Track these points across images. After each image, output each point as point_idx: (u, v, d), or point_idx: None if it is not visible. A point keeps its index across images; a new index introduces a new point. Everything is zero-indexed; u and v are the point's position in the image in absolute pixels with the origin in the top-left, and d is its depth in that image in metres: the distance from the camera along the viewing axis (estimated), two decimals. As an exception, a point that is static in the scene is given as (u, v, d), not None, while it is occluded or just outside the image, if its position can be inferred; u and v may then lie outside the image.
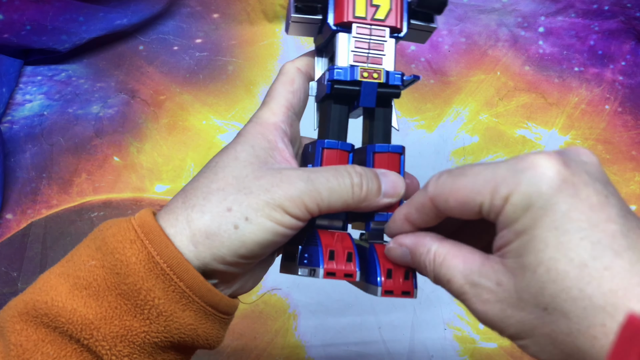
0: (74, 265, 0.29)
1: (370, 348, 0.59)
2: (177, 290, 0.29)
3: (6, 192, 0.61)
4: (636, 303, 0.21)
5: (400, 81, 0.33)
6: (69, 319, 0.28)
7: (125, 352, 0.28)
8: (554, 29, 0.70)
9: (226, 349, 0.58)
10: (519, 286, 0.24)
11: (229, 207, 0.29)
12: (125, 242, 0.29)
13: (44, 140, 0.64)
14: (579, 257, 0.23)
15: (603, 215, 0.23)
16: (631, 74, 0.69)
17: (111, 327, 0.28)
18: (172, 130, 0.65)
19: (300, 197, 0.29)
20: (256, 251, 0.30)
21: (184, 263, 0.29)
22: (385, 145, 0.34)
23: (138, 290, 0.28)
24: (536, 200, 0.24)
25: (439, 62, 0.70)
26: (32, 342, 0.28)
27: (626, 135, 0.68)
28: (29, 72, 0.66)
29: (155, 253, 0.29)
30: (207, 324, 0.31)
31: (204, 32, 0.69)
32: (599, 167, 0.26)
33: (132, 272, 0.28)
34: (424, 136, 0.68)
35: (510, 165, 0.25)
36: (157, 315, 0.29)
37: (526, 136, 0.68)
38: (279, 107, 0.34)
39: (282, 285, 0.61)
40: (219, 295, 0.31)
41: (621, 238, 0.23)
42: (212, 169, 0.31)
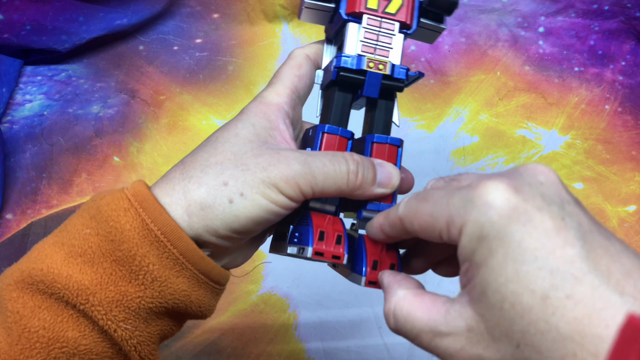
0: (68, 234, 0.30)
1: (370, 348, 0.59)
2: (170, 257, 0.29)
3: (6, 192, 0.61)
4: (603, 329, 0.21)
5: (404, 75, 0.34)
6: (65, 285, 0.28)
7: (121, 317, 0.29)
8: (554, 29, 0.70)
9: (226, 349, 0.58)
10: (489, 326, 0.24)
11: (226, 181, 0.30)
12: (120, 210, 0.29)
13: (44, 140, 0.64)
14: (539, 289, 0.22)
15: (559, 240, 0.22)
16: (631, 74, 0.69)
17: (107, 293, 0.29)
18: (172, 130, 0.65)
19: (295, 179, 0.30)
20: (249, 226, 0.30)
21: (177, 231, 0.30)
22: (385, 137, 0.34)
23: (133, 257, 0.29)
24: (489, 231, 0.23)
25: (439, 62, 0.70)
26: (29, 309, 0.28)
27: (626, 135, 0.68)
28: (29, 72, 0.66)
29: (149, 220, 0.29)
30: (200, 292, 0.31)
31: (204, 32, 0.69)
32: (558, 186, 0.25)
33: (127, 239, 0.29)
34: (424, 136, 0.68)
35: (463, 195, 0.25)
36: (152, 280, 0.29)
37: (526, 136, 0.68)
38: (284, 88, 0.35)
39: (282, 285, 0.61)
40: (212, 264, 0.31)
41: (580, 262, 0.22)
42: (212, 144, 0.32)
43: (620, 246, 0.23)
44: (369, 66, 0.33)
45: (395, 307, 0.28)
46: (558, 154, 0.67)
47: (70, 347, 0.28)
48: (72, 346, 0.28)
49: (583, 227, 0.23)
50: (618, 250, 0.23)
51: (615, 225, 0.64)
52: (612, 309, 0.21)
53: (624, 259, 0.23)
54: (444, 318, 0.25)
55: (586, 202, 0.65)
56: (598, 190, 0.65)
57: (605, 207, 0.65)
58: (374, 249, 0.33)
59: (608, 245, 0.23)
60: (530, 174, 0.25)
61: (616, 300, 0.21)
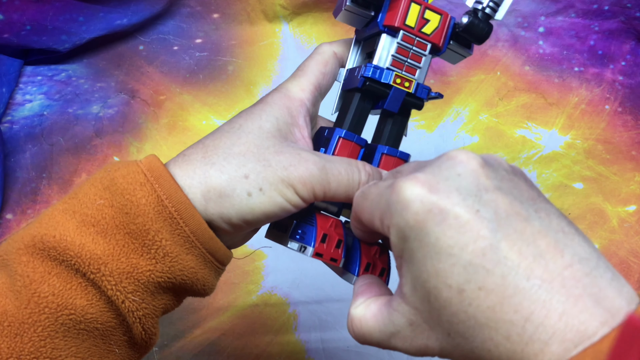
0: (80, 203, 0.30)
1: (370, 348, 0.59)
2: (182, 235, 0.30)
3: (6, 192, 0.61)
4: (513, 314, 0.22)
5: (426, 95, 0.35)
6: (77, 253, 0.29)
7: (130, 288, 0.29)
8: (554, 29, 0.70)
9: (226, 349, 0.58)
10: (424, 318, 0.25)
11: (247, 174, 0.31)
12: (136, 184, 0.30)
13: (44, 140, 0.64)
14: (455, 283, 0.23)
15: (472, 235, 0.23)
16: (631, 74, 0.69)
17: (118, 264, 0.29)
18: (172, 130, 0.65)
19: (311, 183, 0.31)
20: (261, 219, 0.32)
21: (190, 209, 0.30)
22: (395, 150, 0.36)
23: (147, 231, 0.29)
24: (409, 233, 0.25)
25: (439, 62, 0.70)
26: (39, 274, 0.29)
27: (626, 135, 0.68)
28: (29, 72, 0.66)
29: (165, 197, 0.30)
30: (206, 270, 0.32)
31: (204, 32, 0.69)
32: (476, 175, 0.25)
33: (142, 212, 0.29)
34: (424, 136, 0.68)
35: (386, 196, 0.26)
36: (164, 255, 0.30)
37: (526, 136, 0.68)
38: (309, 84, 0.35)
39: (282, 285, 0.61)
40: (219, 244, 0.32)
41: (491, 253, 0.23)
42: (236, 132, 0.33)
43: (540, 224, 0.24)
44: (396, 82, 0.34)
45: (351, 324, 0.29)
46: (558, 154, 0.67)
47: (78, 315, 0.29)
48: (80, 314, 0.29)
49: (499, 215, 0.24)
50: (536, 231, 0.24)
51: (615, 225, 0.64)
52: (520, 295, 0.22)
53: (539, 240, 0.24)
54: (389, 319, 0.27)
55: (586, 202, 0.65)
56: (598, 190, 0.65)
57: (605, 207, 0.65)
58: (368, 252, 0.34)
59: (525, 227, 0.24)
60: (449, 165, 0.26)
61: (524, 285, 0.22)
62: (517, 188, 0.26)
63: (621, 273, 0.61)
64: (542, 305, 0.22)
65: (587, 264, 0.23)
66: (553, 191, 0.65)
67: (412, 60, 0.35)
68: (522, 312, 0.22)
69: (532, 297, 0.22)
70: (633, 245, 0.63)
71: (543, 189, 0.66)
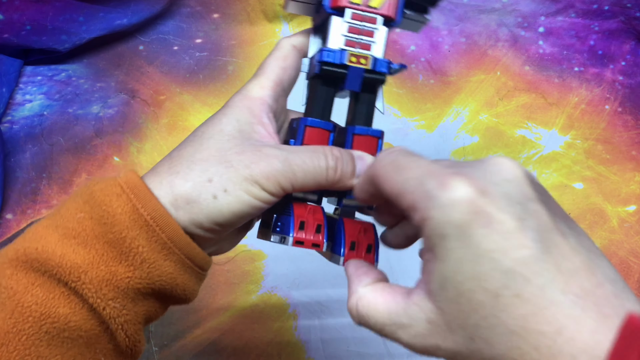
0: (62, 218, 0.31)
1: (370, 348, 0.59)
2: (159, 241, 0.31)
3: (6, 192, 0.61)
4: (544, 325, 0.22)
5: (386, 68, 0.34)
6: (58, 262, 0.29)
7: (110, 295, 0.30)
8: (554, 29, 0.70)
9: (226, 348, 0.58)
10: (447, 319, 0.25)
11: (210, 178, 0.31)
12: (112, 195, 0.31)
13: (44, 140, 0.64)
14: (492, 287, 0.23)
15: (516, 242, 0.23)
16: (631, 74, 0.69)
17: (97, 272, 0.30)
18: (172, 130, 0.65)
19: (275, 176, 0.31)
20: (232, 220, 0.32)
21: (166, 216, 0.31)
22: (365, 128, 0.35)
23: (123, 239, 0.30)
24: (450, 231, 0.24)
25: (439, 62, 0.70)
26: (23, 285, 0.29)
27: (626, 135, 0.68)
28: (29, 72, 0.66)
29: (140, 206, 0.31)
30: (185, 275, 0.32)
31: (204, 32, 0.69)
32: (522, 183, 0.25)
33: (118, 222, 0.30)
34: (424, 136, 0.68)
35: (432, 186, 0.25)
36: (141, 262, 0.30)
37: (526, 136, 0.68)
38: (268, 81, 0.36)
39: (282, 286, 0.61)
40: (197, 249, 0.32)
41: (533, 263, 0.23)
42: (198, 139, 0.34)
43: (575, 242, 0.25)
44: (351, 60, 0.34)
45: (357, 303, 0.29)
46: (558, 154, 0.67)
47: (61, 323, 0.29)
48: (63, 322, 0.29)
49: (542, 227, 0.24)
50: (571, 247, 0.24)
51: (615, 225, 0.64)
52: (554, 308, 0.22)
53: (574, 257, 0.24)
54: (405, 311, 0.27)
55: (586, 202, 0.65)
56: (598, 190, 0.65)
57: (605, 207, 0.65)
58: (352, 230, 0.34)
59: (563, 243, 0.24)
60: (496, 170, 0.26)
61: (559, 299, 0.23)
62: (552, 203, 0.26)
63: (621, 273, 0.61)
64: (575, 320, 0.22)
65: (616, 285, 0.24)
66: (553, 191, 0.65)
67: (365, 36, 0.34)
68: (555, 324, 0.22)
69: (566, 311, 0.22)
70: (633, 245, 0.63)
71: (543, 189, 0.66)
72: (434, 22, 0.71)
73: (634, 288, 0.61)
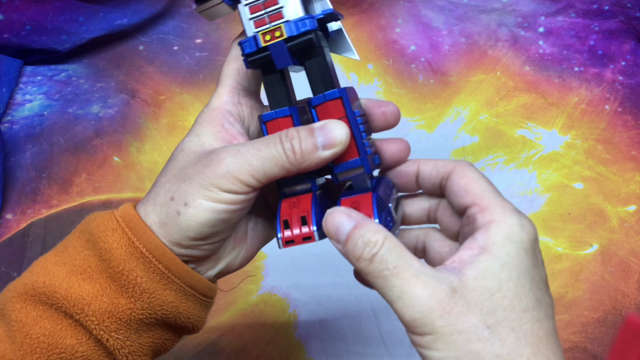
0: (69, 255, 0.32)
1: (370, 348, 0.59)
2: (157, 271, 0.31)
3: (6, 192, 0.61)
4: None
5: (311, 25, 0.31)
6: (64, 295, 0.31)
7: (113, 327, 0.31)
8: (554, 29, 0.70)
9: (226, 349, 0.58)
10: (469, 300, 0.27)
11: (172, 196, 0.32)
12: (108, 231, 0.32)
13: (44, 140, 0.64)
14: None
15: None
16: (631, 74, 0.69)
17: (100, 304, 0.31)
18: (172, 130, 0.65)
19: (230, 172, 0.31)
20: (204, 231, 0.31)
21: (161, 247, 0.31)
22: (320, 96, 0.32)
23: (122, 272, 0.31)
24: (532, 245, 0.28)
25: (439, 62, 0.70)
26: (32, 318, 0.31)
27: (626, 135, 0.68)
28: (29, 72, 0.66)
29: (135, 239, 0.31)
30: (188, 304, 0.33)
31: (204, 32, 0.69)
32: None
33: (115, 256, 0.31)
34: (424, 136, 0.68)
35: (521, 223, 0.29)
36: (141, 292, 0.31)
37: (526, 136, 0.68)
38: (224, 88, 0.36)
39: (282, 285, 0.61)
40: (197, 277, 0.33)
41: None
42: (167, 164, 0.34)
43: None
44: (266, 39, 0.32)
45: (392, 270, 0.28)
46: (558, 154, 0.67)
47: (68, 353, 0.30)
48: (70, 352, 0.30)
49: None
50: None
51: (615, 225, 0.64)
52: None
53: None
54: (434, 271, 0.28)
55: (586, 202, 0.65)
56: (598, 190, 0.65)
57: (605, 207, 0.65)
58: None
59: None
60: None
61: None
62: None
63: (621, 273, 0.62)
64: None
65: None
66: (553, 191, 0.65)
67: (269, 7, 0.32)
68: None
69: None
70: (633, 245, 0.63)
71: (543, 189, 0.66)
72: (434, 22, 0.71)
73: (634, 288, 0.61)
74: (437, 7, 0.70)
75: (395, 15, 0.71)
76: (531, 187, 0.66)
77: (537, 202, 0.65)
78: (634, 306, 0.60)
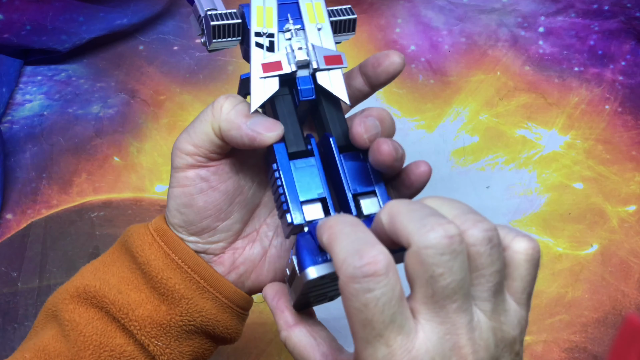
0: (116, 267, 0.35)
1: (370, 348, 0.59)
2: (193, 281, 0.34)
3: (6, 192, 0.61)
4: None
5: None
6: (113, 300, 0.33)
7: (153, 333, 0.33)
8: (554, 29, 0.70)
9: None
10: None
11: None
12: (145, 245, 0.34)
13: (44, 140, 0.64)
14: None
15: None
16: (631, 74, 0.69)
17: (143, 310, 0.33)
18: (172, 130, 0.65)
19: (175, 147, 0.34)
20: (176, 219, 0.34)
21: (195, 257, 0.34)
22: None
23: (161, 281, 0.33)
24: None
25: (439, 62, 0.70)
26: (85, 319, 0.33)
27: (626, 135, 0.68)
28: (29, 72, 0.66)
29: (170, 251, 0.34)
30: (225, 314, 0.35)
31: (204, 32, 0.69)
32: None
33: (154, 268, 0.33)
34: (424, 136, 0.68)
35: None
36: (180, 299, 0.33)
37: (526, 136, 0.68)
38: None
39: (282, 285, 0.61)
40: (233, 288, 0.35)
41: None
42: None
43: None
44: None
45: (285, 341, 0.33)
46: (558, 154, 0.67)
47: (117, 352, 0.33)
48: (118, 351, 0.33)
49: None
50: None
51: (615, 225, 0.64)
52: None
53: None
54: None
55: (586, 202, 0.65)
56: (598, 190, 0.65)
57: (605, 207, 0.65)
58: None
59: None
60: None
61: None
62: None
63: (621, 273, 0.62)
64: None
65: None
66: (553, 191, 0.65)
67: None
68: None
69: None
70: (633, 245, 0.63)
71: (543, 189, 0.66)
72: (434, 22, 0.71)
73: (634, 288, 0.61)
74: (437, 7, 0.70)
75: (395, 15, 0.71)
76: (531, 187, 0.66)
77: (537, 202, 0.65)
78: (634, 306, 0.60)
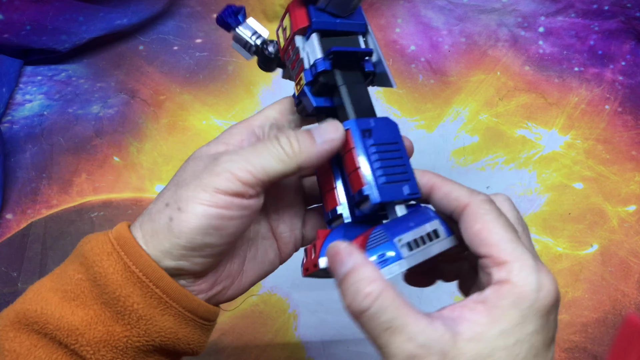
0: (62, 280, 0.31)
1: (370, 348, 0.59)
2: (154, 296, 0.30)
3: (6, 192, 0.61)
4: None
5: (322, 67, 0.33)
6: (57, 325, 0.29)
7: (109, 356, 0.30)
8: (554, 29, 0.70)
9: (226, 349, 0.58)
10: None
11: (167, 202, 0.30)
12: (103, 254, 0.30)
13: (44, 140, 0.64)
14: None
15: None
16: (631, 74, 0.69)
17: (95, 333, 0.29)
18: (172, 130, 0.65)
19: (227, 170, 0.29)
20: (196, 239, 0.30)
21: (158, 271, 0.30)
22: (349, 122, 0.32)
23: (117, 298, 0.30)
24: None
25: (439, 62, 0.70)
26: (25, 347, 0.29)
27: (626, 135, 0.68)
28: (29, 72, 0.66)
29: (131, 263, 0.30)
30: (188, 329, 0.32)
31: (204, 32, 0.69)
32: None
33: (111, 281, 0.30)
34: (424, 136, 0.68)
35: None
36: (137, 319, 0.30)
37: (526, 136, 0.68)
38: (258, 116, 0.36)
39: (282, 285, 0.61)
40: (197, 301, 0.32)
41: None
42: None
43: None
44: (297, 90, 0.35)
45: (382, 293, 0.26)
46: (558, 154, 0.67)
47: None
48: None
49: None
50: None
51: (615, 225, 0.64)
52: None
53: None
54: (424, 329, 0.26)
55: (586, 202, 0.65)
56: (598, 190, 0.65)
57: (605, 207, 0.65)
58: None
59: None
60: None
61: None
62: None
63: (621, 273, 0.62)
64: None
65: None
66: (553, 191, 0.65)
67: (295, 64, 0.35)
68: None
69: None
70: (633, 245, 0.63)
71: (543, 189, 0.66)
72: (434, 22, 0.71)
73: (634, 288, 0.61)
74: (437, 7, 0.70)
75: (395, 15, 0.71)
76: (531, 187, 0.66)
77: (537, 202, 0.65)
78: (634, 306, 0.60)
